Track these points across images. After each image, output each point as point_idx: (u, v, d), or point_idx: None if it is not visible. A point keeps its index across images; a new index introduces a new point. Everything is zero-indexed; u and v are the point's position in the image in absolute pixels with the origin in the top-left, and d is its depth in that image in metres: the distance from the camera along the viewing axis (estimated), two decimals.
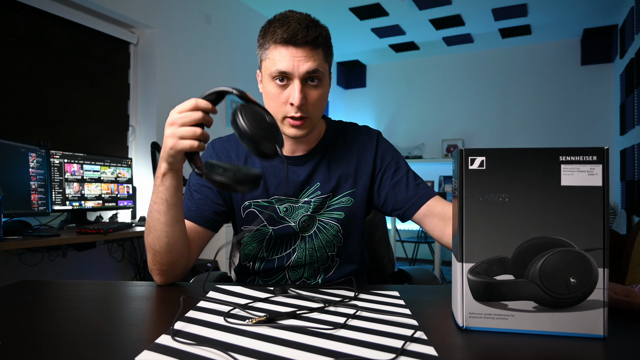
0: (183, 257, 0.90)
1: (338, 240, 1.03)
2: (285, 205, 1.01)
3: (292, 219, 1.01)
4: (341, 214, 1.02)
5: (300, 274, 1.04)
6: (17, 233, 1.97)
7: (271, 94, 0.93)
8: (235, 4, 4.07)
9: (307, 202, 1.01)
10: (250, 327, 0.62)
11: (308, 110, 0.93)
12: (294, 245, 1.02)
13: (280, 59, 0.89)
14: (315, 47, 0.90)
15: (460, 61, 5.68)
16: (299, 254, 1.02)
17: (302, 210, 1.01)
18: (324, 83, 0.94)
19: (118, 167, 2.78)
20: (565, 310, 0.59)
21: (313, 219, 1.02)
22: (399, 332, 0.60)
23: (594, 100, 4.97)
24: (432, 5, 4.22)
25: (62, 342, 0.57)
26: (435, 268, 3.79)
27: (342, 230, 1.03)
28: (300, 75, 0.89)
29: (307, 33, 0.88)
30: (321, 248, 1.02)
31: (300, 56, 0.89)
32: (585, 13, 4.37)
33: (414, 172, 1.06)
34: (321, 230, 1.02)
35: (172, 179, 0.82)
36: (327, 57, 0.95)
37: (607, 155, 0.59)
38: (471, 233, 0.62)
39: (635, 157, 3.61)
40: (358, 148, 1.05)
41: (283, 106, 0.92)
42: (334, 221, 1.02)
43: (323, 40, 0.91)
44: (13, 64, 2.50)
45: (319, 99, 0.94)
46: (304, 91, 0.90)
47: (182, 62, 3.45)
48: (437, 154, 5.75)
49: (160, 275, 0.89)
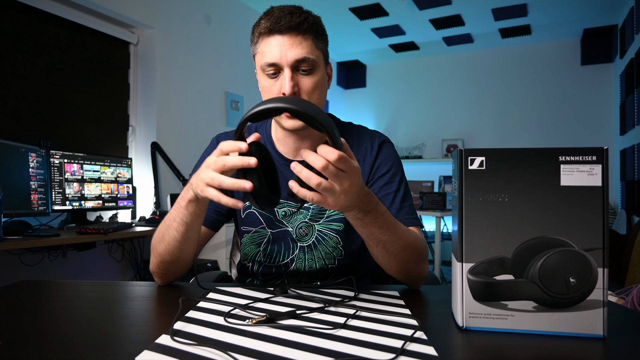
0: (188, 264, 0.91)
1: (338, 253, 1.00)
2: (284, 209, 1.00)
3: (289, 224, 1.00)
4: (340, 225, 0.99)
5: (299, 279, 1.02)
6: (17, 233, 1.97)
7: (264, 87, 0.91)
8: (235, 4, 4.07)
9: (306, 209, 0.99)
10: (250, 327, 0.62)
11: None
12: (292, 255, 1.00)
13: (268, 50, 0.87)
14: (302, 33, 0.87)
15: (460, 61, 5.68)
16: (297, 264, 1.00)
17: (301, 216, 1.00)
18: (318, 71, 0.90)
19: (118, 167, 2.78)
20: (565, 310, 0.59)
21: (311, 227, 0.99)
22: (399, 332, 0.60)
23: (593, 100, 4.97)
24: (432, 5, 4.22)
25: (62, 342, 0.57)
26: (435, 268, 3.80)
27: (342, 243, 0.99)
28: (289, 64, 0.87)
29: (290, 19, 0.86)
30: (320, 260, 0.99)
31: (287, 44, 0.86)
32: (585, 13, 4.37)
33: (406, 193, 0.98)
34: (320, 241, 0.99)
35: (197, 207, 0.80)
36: (317, 43, 0.90)
37: (606, 155, 0.59)
38: (471, 233, 0.62)
39: (635, 157, 3.61)
40: (359, 154, 1.01)
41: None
42: (333, 232, 0.99)
43: (310, 26, 0.88)
44: (13, 64, 2.50)
45: (313, 87, 0.90)
46: (295, 79, 0.88)
47: (182, 62, 3.45)
48: (437, 154, 5.75)
49: (163, 277, 0.89)
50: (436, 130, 5.80)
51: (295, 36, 0.87)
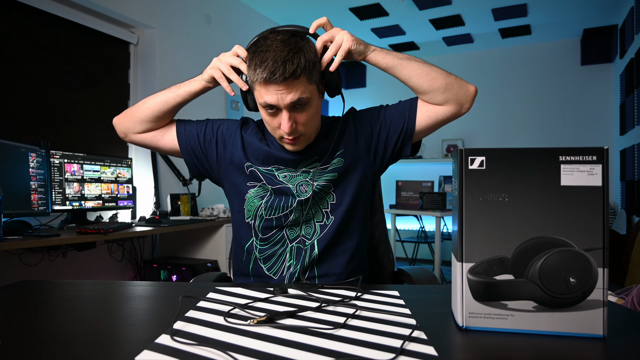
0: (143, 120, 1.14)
1: (331, 198, 1.09)
2: (285, 174, 1.09)
3: (289, 183, 1.08)
4: (334, 175, 1.08)
5: (297, 232, 1.07)
6: (17, 233, 1.97)
7: (265, 119, 1.02)
8: (235, 4, 4.07)
9: (306, 172, 1.08)
10: (250, 327, 0.62)
11: (300, 130, 1.00)
12: (290, 207, 1.07)
13: (265, 93, 0.95)
14: (296, 79, 0.93)
15: (460, 61, 5.67)
16: (296, 214, 1.07)
17: (301, 177, 1.08)
18: (313, 103, 0.99)
19: (118, 167, 2.78)
20: (565, 310, 0.59)
21: (310, 185, 1.08)
22: (399, 332, 0.60)
23: (593, 100, 4.97)
24: (432, 5, 4.22)
25: (62, 342, 0.57)
26: (435, 268, 3.80)
27: (334, 188, 1.08)
28: (285, 107, 0.95)
29: (284, 70, 0.90)
30: (315, 205, 1.08)
31: (283, 90, 0.93)
32: (585, 13, 4.37)
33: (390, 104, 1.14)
34: (316, 192, 1.08)
35: (197, 85, 1.09)
36: (310, 79, 0.97)
37: (606, 155, 0.59)
38: (471, 233, 0.62)
39: (635, 157, 3.61)
40: (351, 127, 1.13)
41: (277, 129, 1.00)
42: (327, 182, 1.08)
43: (302, 69, 0.93)
44: (13, 64, 2.50)
45: (309, 119, 1.00)
46: (292, 117, 0.97)
47: (182, 62, 3.45)
48: (437, 154, 5.75)
49: (121, 121, 1.20)
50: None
51: (290, 82, 0.93)
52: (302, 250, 1.06)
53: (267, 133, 1.13)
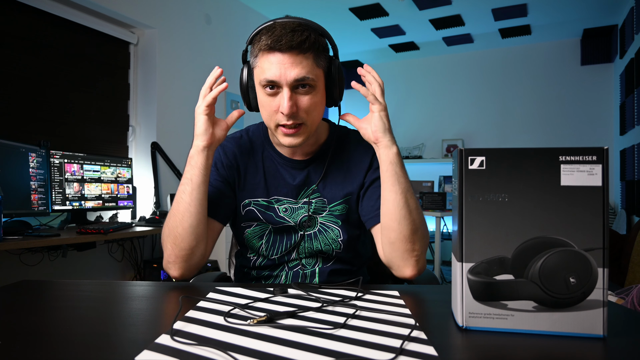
0: (202, 243, 0.93)
1: (337, 246, 1.03)
2: (285, 205, 1.02)
3: (291, 219, 1.02)
4: (338, 222, 1.03)
5: (298, 263, 1.05)
6: (17, 233, 1.97)
7: (262, 102, 0.92)
8: (235, 4, 4.07)
9: (307, 203, 1.02)
10: (250, 327, 0.62)
11: (301, 117, 0.90)
12: (294, 244, 1.03)
13: (268, 67, 0.87)
14: (303, 52, 0.86)
15: (460, 61, 5.67)
16: (299, 251, 1.03)
17: (303, 210, 1.02)
18: (318, 90, 0.91)
19: (118, 167, 2.78)
20: (565, 310, 0.59)
21: (314, 219, 1.03)
22: (399, 332, 0.60)
23: (593, 100, 4.97)
24: (432, 5, 4.22)
25: (62, 342, 0.57)
26: (435, 268, 3.79)
27: (342, 237, 1.03)
28: (288, 83, 0.87)
29: (291, 37, 0.84)
30: (324, 246, 1.03)
31: (287, 62, 0.86)
32: (585, 13, 4.37)
33: None
34: (322, 232, 1.02)
35: (201, 158, 0.91)
36: (319, 61, 0.90)
37: (606, 155, 0.59)
38: (471, 233, 0.62)
39: (635, 157, 3.61)
40: (355, 159, 1.04)
41: (275, 114, 0.91)
42: (336, 225, 1.03)
43: (311, 44, 0.87)
44: (13, 64, 2.50)
45: (312, 106, 0.90)
46: (294, 98, 0.88)
47: (182, 62, 3.45)
48: (437, 154, 5.75)
49: (180, 263, 0.92)
50: (436, 130, 5.80)
51: (295, 55, 0.86)
52: (301, 273, 1.04)
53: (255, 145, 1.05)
